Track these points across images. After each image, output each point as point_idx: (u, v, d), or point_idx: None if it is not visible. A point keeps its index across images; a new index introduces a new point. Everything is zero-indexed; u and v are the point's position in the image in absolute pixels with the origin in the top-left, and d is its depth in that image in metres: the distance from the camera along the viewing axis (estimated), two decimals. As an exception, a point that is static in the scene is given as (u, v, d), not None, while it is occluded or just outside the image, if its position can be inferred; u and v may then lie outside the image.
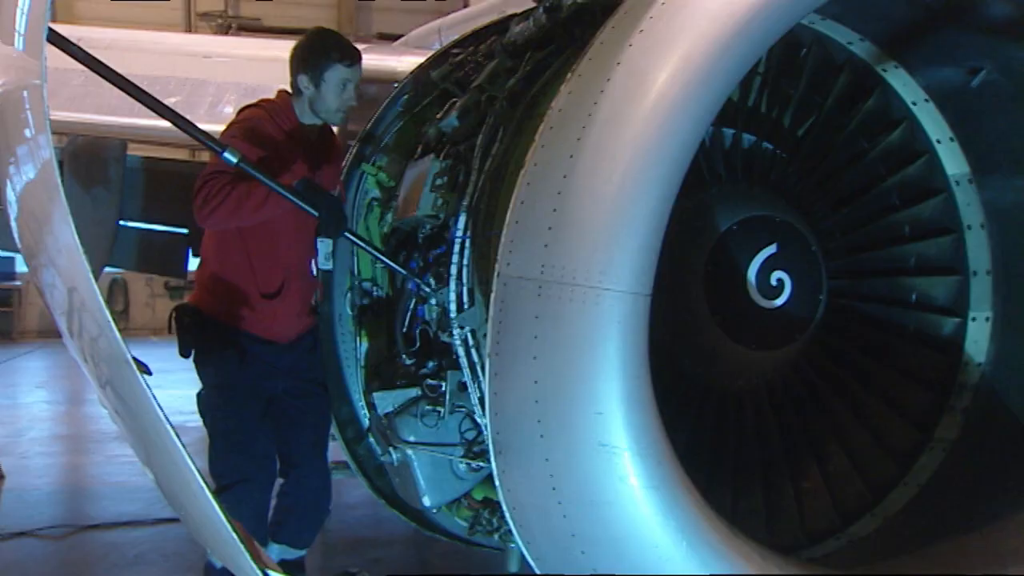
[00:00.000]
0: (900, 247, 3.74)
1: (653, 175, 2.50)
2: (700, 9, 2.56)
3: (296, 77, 4.30)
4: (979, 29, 3.21)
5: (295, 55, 4.33)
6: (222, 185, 3.96)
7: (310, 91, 4.29)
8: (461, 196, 3.75)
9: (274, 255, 4.30)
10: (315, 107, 4.33)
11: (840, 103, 3.70)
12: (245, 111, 4.37)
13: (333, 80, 4.29)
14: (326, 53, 4.29)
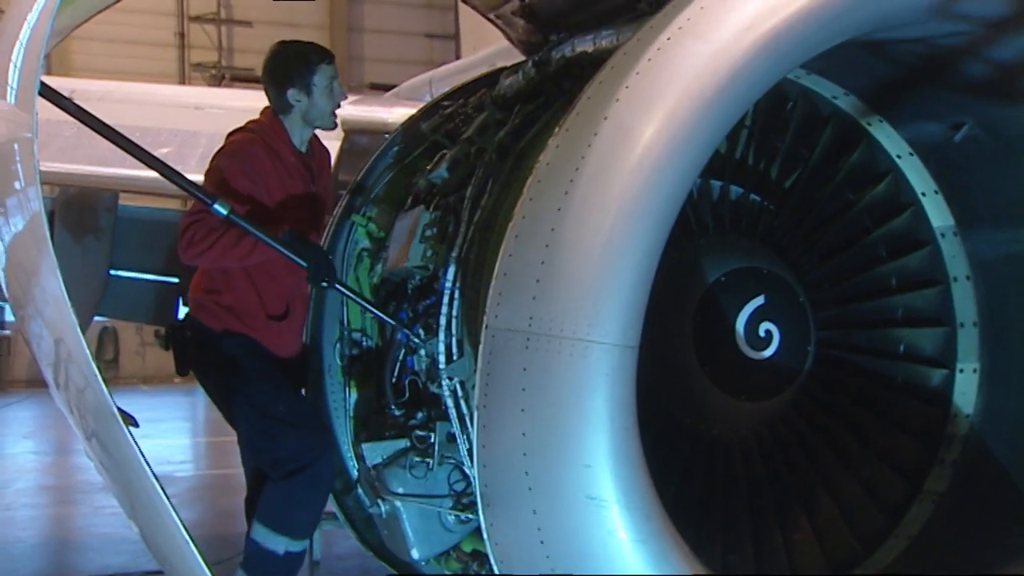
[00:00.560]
0: (887, 298, 3.76)
1: (640, 228, 2.52)
2: (685, 66, 2.59)
3: (283, 94, 4.25)
4: (958, 87, 3.26)
5: (275, 73, 4.27)
6: (209, 229, 3.96)
7: (302, 102, 4.26)
8: (450, 247, 3.77)
9: (278, 278, 4.28)
10: (309, 116, 4.30)
11: (826, 156, 3.74)
12: (235, 135, 4.32)
13: (322, 83, 4.27)
14: (307, 59, 4.27)
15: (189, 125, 7.17)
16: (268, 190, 4.15)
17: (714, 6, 2.67)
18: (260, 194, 4.13)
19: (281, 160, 4.25)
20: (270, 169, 4.19)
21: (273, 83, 4.28)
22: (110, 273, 7.88)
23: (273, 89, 4.28)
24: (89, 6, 3.65)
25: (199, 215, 3.96)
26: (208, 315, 4.22)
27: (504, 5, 4.87)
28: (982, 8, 2.86)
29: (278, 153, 4.25)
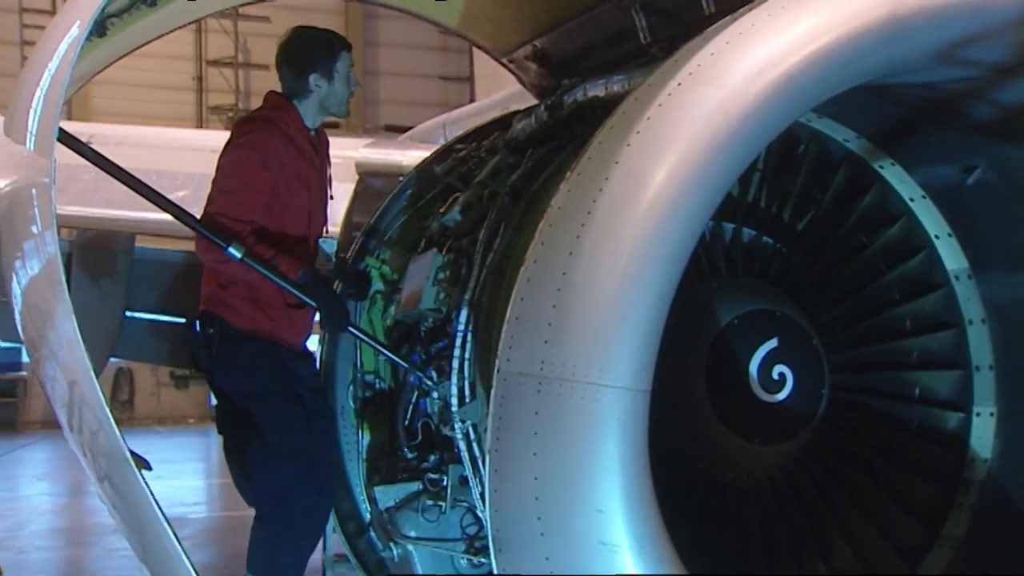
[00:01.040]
0: (902, 341, 3.74)
1: (651, 272, 2.52)
2: (696, 111, 2.61)
3: (304, 79, 4.20)
4: (968, 130, 3.26)
5: (297, 57, 4.22)
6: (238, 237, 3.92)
7: (322, 88, 4.22)
8: (463, 290, 3.78)
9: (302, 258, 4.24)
10: (327, 103, 4.26)
11: (838, 198, 3.74)
12: (247, 125, 4.25)
13: (343, 70, 4.27)
14: (331, 45, 4.26)
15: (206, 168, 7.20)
16: (287, 180, 4.12)
17: (724, 52, 2.69)
18: (280, 185, 4.09)
19: (296, 147, 4.20)
20: (287, 158, 4.14)
21: (294, 67, 4.23)
22: (126, 315, 7.92)
23: (292, 73, 4.23)
24: (108, 54, 3.72)
25: (220, 218, 3.94)
26: (232, 312, 4.11)
27: (517, 50, 4.94)
28: (986, 54, 2.88)
29: (293, 140, 4.20)
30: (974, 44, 2.81)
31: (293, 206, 4.16)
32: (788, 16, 2.73)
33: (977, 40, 2.80)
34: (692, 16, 3.78)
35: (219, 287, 4.14)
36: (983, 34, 2.79)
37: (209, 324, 4.10)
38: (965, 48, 2.81)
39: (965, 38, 2.79)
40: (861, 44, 2.70)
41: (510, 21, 4.87)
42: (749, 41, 2.71)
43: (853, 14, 2.71)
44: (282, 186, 4.10)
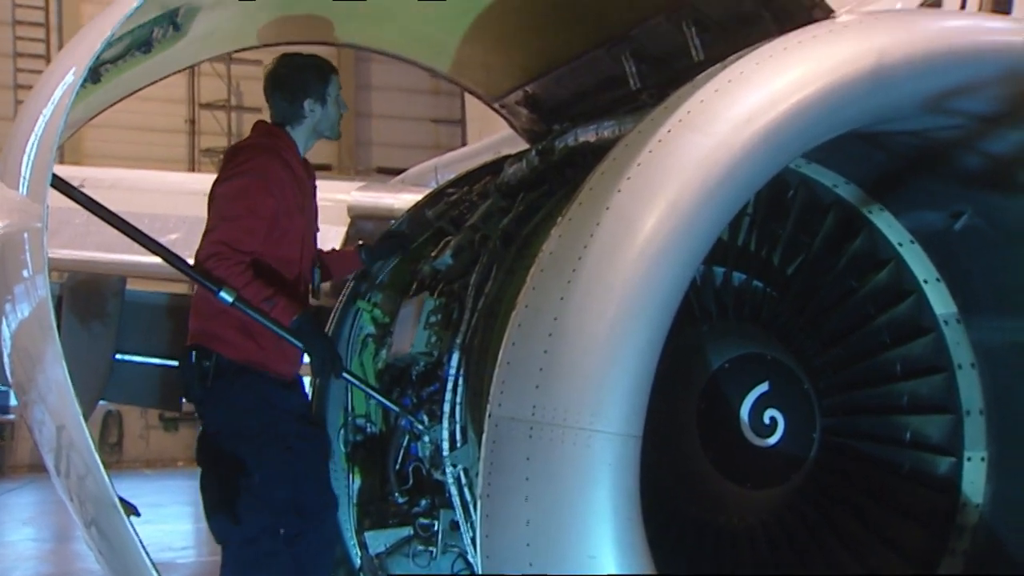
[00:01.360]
0: (892, 385, 3.75)
1: (642, 318, 2.54)
2: (686, 157, 2.63)
3: (299, 105, 4.23)
4: (955, 177, 3.31)
5: (290, 84, 4.24)
6: (236, 272, 3.91)
7: (316, 113, 4.26)
8: (455, 334, 3.79)
9: (298, 283, 4.25)
10: (320, 127, 4.30)
11: (828, 243, 3.77)
12: (245, 154, 4.22)
13: (334, 93, 4.31)
14: (322, 70, 4.30)
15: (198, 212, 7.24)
16: (286, 206, 4.12)
17: (713, 100, 2.73)
18: (280, 211, 4.09)
19: (293, 172, 4.21)
20: (287, 183, 4.15)
21: (287, 94, 4.26)
22: (116, 357, 7.91)
23: (285, 100, 4.27)
24: (102, 99, 3.74)
25: (225, 255, 3.91)
26: (223, 344, 4.07)
27: (509, 95, 4.98)
28: (971, 105, 2.92)
29: (290, 165, 4.21)
30: (959, 95, 2.85)
31: (291, 232, 4.16)
32: (776, 65, 2.78)
33: (962, 91, 2.85)
34: (681, 63, 3.83)
35: (208, 319, 4.10)
36: (968, 86, 2.84)
37: (205, 357, 4.07)
38: (950, 98, 2.86)
39: (950, 89, 2.83)
40: (847, 93, 2.73)
41: (502, 67, 4.92)
42: (738, 89, 2.75)
43: (839, 64, 2.75)
44: (282, 213, 4.10)
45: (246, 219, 4.00)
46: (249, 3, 4.03)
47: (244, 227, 3.99)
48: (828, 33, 2.93)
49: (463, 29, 4.55)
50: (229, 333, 4.06)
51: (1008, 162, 3.11)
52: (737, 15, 3.63)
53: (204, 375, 4.05)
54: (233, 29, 4.32)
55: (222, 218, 4.03)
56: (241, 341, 4.06)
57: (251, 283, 3.91)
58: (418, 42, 4.88)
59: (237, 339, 4.06)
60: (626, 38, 4.14)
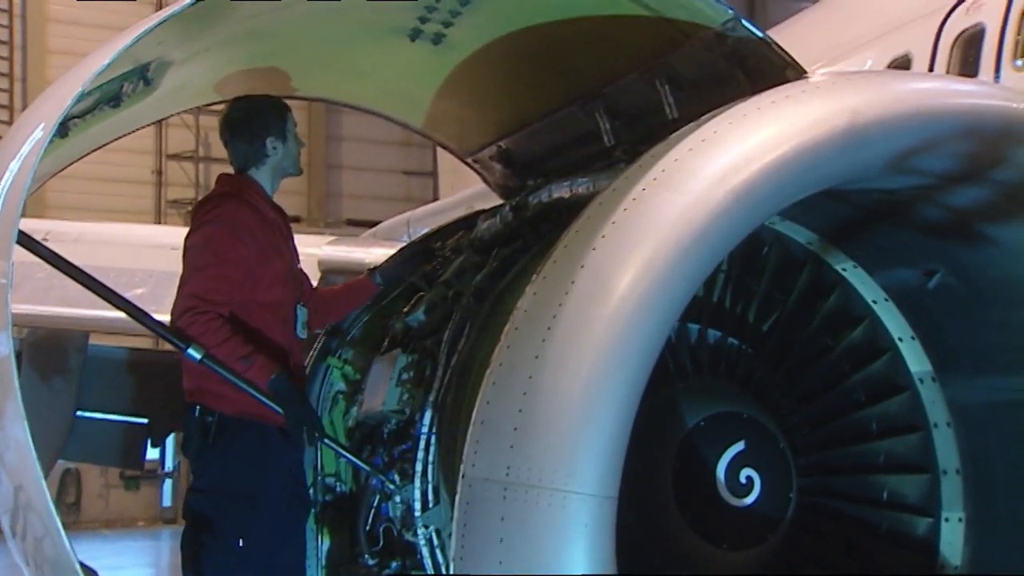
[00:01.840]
0: (869, 444, 3.78)
1: (617, 377, 2.56)
2: (660, 216, 2.68)
3: (261, 145, 4.22)
4: (927, 234, 3.37)
5: (251, 125, 4.23)
6: (212, 329, 3.88)
7: (278, 151, 4.24)
8: (427, 392, 3.79)
9: (273, 333, 4.16)
10: (283, 164, 4.28)
11: (802, 300, 3.81)
12: (213, 203, 4.18)
13: (292, 129, 4.31)
14: (278, 107, 4.31)
15: (164, 266, 7.24)
16: (260, 251, 4.08)
17: (687, 159, 2.78)
18: (253, 259, 4.05)
19: (263, 216, 4.19)
20: (257, 228, 4.12)
21: (248, 135, 4.25)
22: (77, 415, 7.81)
23: (245, 142, 4.25)
24: (69, 154, 3.76)
25: (201, 310, 3.87)
26: (218, 399, 4.01)
27: (482, 151, 5.04)
28: (941, 163, 2.99)
29: (259, 210, 4.18)
30: (927, 153, 2.93)
31: (267, 277, 4.11)
32: (750, 124, 2.84)
33: (930, 150, 2.92)
34: (655, 121, 3.90)
35: (200, 377, 4.05)
36: (935, 145, 2.91)
37: (209, 413, 4.02)
38: (919, 157, 2.92)
39: (919, 148, 2.90)
40: (821, 152, 2.79)
41: (475, 122, 4.99)
42: (712, 148, 2.80)
43: (812, 123, 2.81)
44: (255, 257, 4.06)
45: (216, 267, 3.97)
46: (219, 57, 4.08)
47: (215, 275, 3.96)
48: (801, 93, 3.00)
49: (436, 84, 4.61)
50: (224, 388, 3.99)
51: (969, 216, 3.18)
52: (711, 74, 3.70)
53: (206, 430, 4.01)
54: (204, 83, 4.36)
55: (193, 269, 4.01)
56: (236, 394, 3.99)
57: (228, 340, 3.88)
58: (390, 96, 4.94)
59: (232, 393, 3.99)
60: (600, 95, 4.22)
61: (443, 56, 4.30)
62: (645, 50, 3.85)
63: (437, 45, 4.19)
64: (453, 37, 4.13)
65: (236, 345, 3.88)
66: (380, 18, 4.08)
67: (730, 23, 3.50)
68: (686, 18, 3.57)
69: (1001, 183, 3.06)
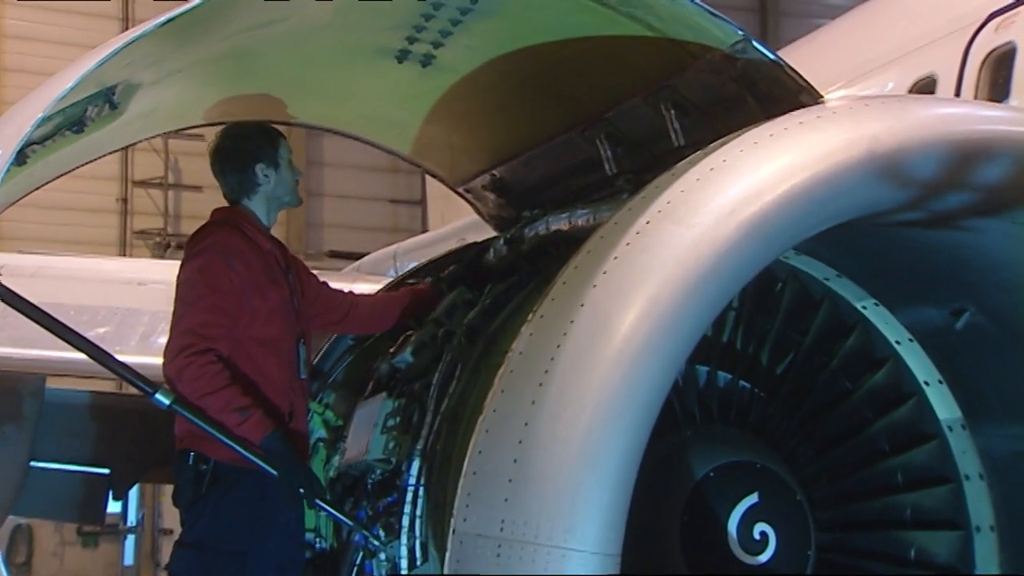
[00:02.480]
0: (894, 497, 3.78)
1: (621, 424, 2.57)
2: (666, 251, 2.71)
3: (250, 173, 4.28)
4: (955, 271, 3.39)
5: (238, 153, 4.31)
6: (211, 373, 3.88)
7: (271, 179, 4.30)
8: (415, 439, 3.81)
9: (271, 376, 4.16)
10: (277, 193, 4.33)
11: (820, 340, 3.84)
12: (204, 233, 4.23)
13: (286, 156, 4.37)
14: (270, 133, 4.38)
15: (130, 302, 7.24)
16: (255, 282, 4.11)
17: (695, 189, 2.82)
18: (248, 286, 4.08)
19: (258, 246, 4.23)
20: (252, 258, 4.15)
21: (237, 163, 4.32)
22: (31, 465, 7.74)
23: (236, 172, 4.32)
24: (27, 183, 3.78)
25: (200, 350, 3.88)
26: (215, 446, 3.98)
27: (474, 179, 5.09)
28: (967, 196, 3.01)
29: (254, 239, 4.23)
30: (953, 186, 2.96)
31: (264, 310, 4.13)
32: (762, 152, 2.88)
33: (956, 182, 2.95)
34: (660, 148, 3.95)
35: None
36: (962, 176, 2.94)
37: (202, 460, 4.02)
38: (945, 189, 2.96)
39: (944, 179, 2.94)
40: (838, 183, 2.83)
41: (467, 149, 5.03)
42: (721, 178, 2.84)
43: (828, 152, 2.85)
44: (249, 288, 4.08)
45: (209, 297, 4.00)
46: (194, 79, 4.13)
47: (210, 306, 3.99)
48: (817, 119, 3.04)
49: (425, 108, 4.66)
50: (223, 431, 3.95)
51: (1008, 255, 3.21)
52: (719, 98, 3.75)
53: (199, 479, 4.01)
54: (176, 107, 4.41)
55: (186, 304, 4.04)
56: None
57: (226, 388, 3.88)
58: (376, 121, 4.98)
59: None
60: (601, 120, 4.27)
61: (433, 79, 4.36)
62: (649, 73, 3.90)
63: (426, 67, 4.25)
64: (443, 58, 4.19)
65: (233, 395, 3.88)
66: (365, 38, 4.13)
67: (740, 44, 3.55)
68: (693, 39, 3.62)
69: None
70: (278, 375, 4.15)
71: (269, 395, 4.09)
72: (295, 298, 4.33)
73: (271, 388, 4.11)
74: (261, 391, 4.06)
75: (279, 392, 4.14)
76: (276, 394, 4.12)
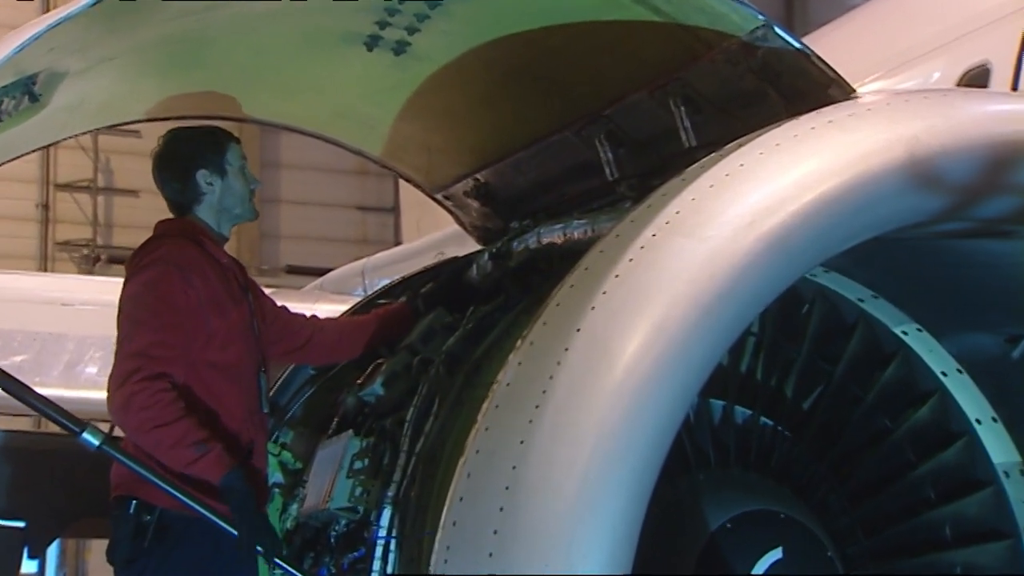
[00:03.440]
0: (941, 554, 3.78)
1: (622, 468, 2.59)
2: (675, 268, 2.74)
3: (191, 180, 4.29)
4: (1011, 291, 3.41)
5: (177, 158, 4.33)
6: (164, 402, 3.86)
7: (215, 187, 4.30)
8: (386, 485, 3.82)
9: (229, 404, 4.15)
10: (226, 203, 4.33)
11: (853, 370, 3.85)
12: (153, 245, 4.24)
13: (236, 163, 4.36)
14: (214, 136, 4.38)
15: (52, 326, 7.22)
16: (213, 297, 4.13)
17: (708, 198, 2.85)
18: (206, 303, 4.09)
19: (218, 262, 4.25)
20: (208, 269, 4.17)
21: (177, 170, 4.34)
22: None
23: (177, 179, 4.34)
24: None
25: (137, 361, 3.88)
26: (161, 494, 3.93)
27: (455, 185, 5.11)
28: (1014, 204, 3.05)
29: (212, 255, 4.25)
30: (1008, 192, 2.99)
31: (223, 331, 4.14)
32: (784, 156, 2.91)
33: (1006, 185, 2.98)
34: (668, 149, 3.98)
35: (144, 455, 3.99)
36: (1011, 179, 2.97)
37: (146, 510, 3.99)
38: (998, 197, 2.99)
39: (998, 186, 2.97)
40: (873, 191, 2.87)
41: (446, 150, 5.04)
42: (738, 184, 2.88)
43: (862, 155, 2.89)
44: (208, 305, 4.10)
45: (163, 315, 3.99)
46: (129, 69, 4.14)
47: (162, 325, 3.98)
48: (848, 117, 3.08)
49: (399, 103, 4.68)
50: (169, 478, 3.92)
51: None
52: (737, 93, 3.78)
53: (141, 531, 3.98)
54: (108, 100, 4.41)
55: (134, 323, 4.03)
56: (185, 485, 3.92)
57: (181, 419, 3.86)
58: (342, 118, 4.99)
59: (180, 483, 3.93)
60: (601, 118, 4.30)
61: (407, 69, 4.38)
62: (656, 63, 3.93)
63: (400, 56, 4.26)
64: (420, 46, 4.20)
65: (189, 427, 3.86)
66: (329, 23, 4.15)
67: (760, 31, 3.57)
68: (706, 24, 3.65)
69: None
70: (236, 407, 4.14)
71: (227, 428, 4.08)
72: (255, 320, 4.34)
73: (229, 420, 4.10)
74: (219, 423, 4.05)
75: (238, 426, 4.13)
76: (234, 428, 4.11)
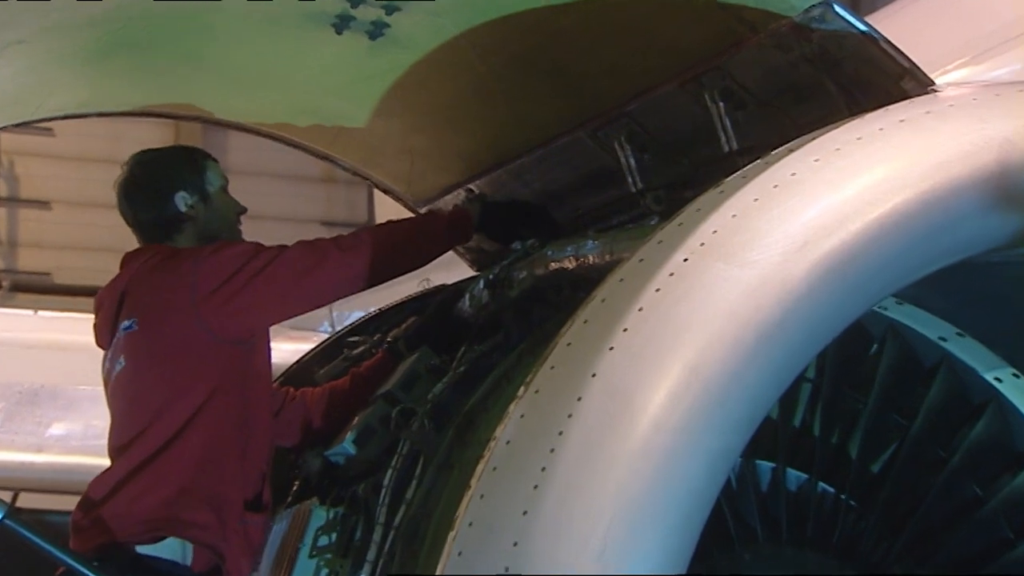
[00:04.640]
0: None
1: (648, 543, 2.58)
2: (713, 299, 2.72)
3: (171, 204, 4.53)
4: None
5: (153, 181, 4.56)
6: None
7: (199, 211, 4.55)
8: (358, 566, 3.82)
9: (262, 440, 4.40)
10: (211, 228, 4.55)
11: (934, 426, 3.84)
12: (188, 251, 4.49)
13: (218, 183, 4.60)
14: (192, 155, 4.65)
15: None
16: None
17: (752, 214, 2.84)
18: None
19: None
20: None
21: (153, 194, 4.55)
22: None
23: (153, 203, 4.56)
24: None
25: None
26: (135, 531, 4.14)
27: (442, 196, 5.11)
28: None
29: None
30: None
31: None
32: (845, 163, 2.91)
33: None
34: (703, 154, 3.97)
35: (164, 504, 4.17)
36: None
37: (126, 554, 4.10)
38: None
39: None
40: (956, 205, 2.87)
41: (432, 155, 5.05)
42: (789, 198, 2.87)
43: (943, 162, 2.89)
44: None
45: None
46: (43, 54, 4.15)
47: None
48: (926, 115, 3.08)
49: (375, 98, 4.69)
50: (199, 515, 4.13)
51: None
52: (787, 85, 3.78)
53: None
54: (17, 92, 4.42)
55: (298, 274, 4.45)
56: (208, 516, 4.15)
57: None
58: (306, 115, 5.00)
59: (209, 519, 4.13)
60: (621, 115, 4.30)
61: (385, 56, 4.38)
62: (690, 50, 3.94)
63: (376, 40, 4.26)
64: (400, 29, 4.21)
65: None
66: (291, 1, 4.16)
67: (817, 9, 3.57)
68: (752, 3, 3.64)
69: None
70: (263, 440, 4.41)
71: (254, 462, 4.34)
72: None
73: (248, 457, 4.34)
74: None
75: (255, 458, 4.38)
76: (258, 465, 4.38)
